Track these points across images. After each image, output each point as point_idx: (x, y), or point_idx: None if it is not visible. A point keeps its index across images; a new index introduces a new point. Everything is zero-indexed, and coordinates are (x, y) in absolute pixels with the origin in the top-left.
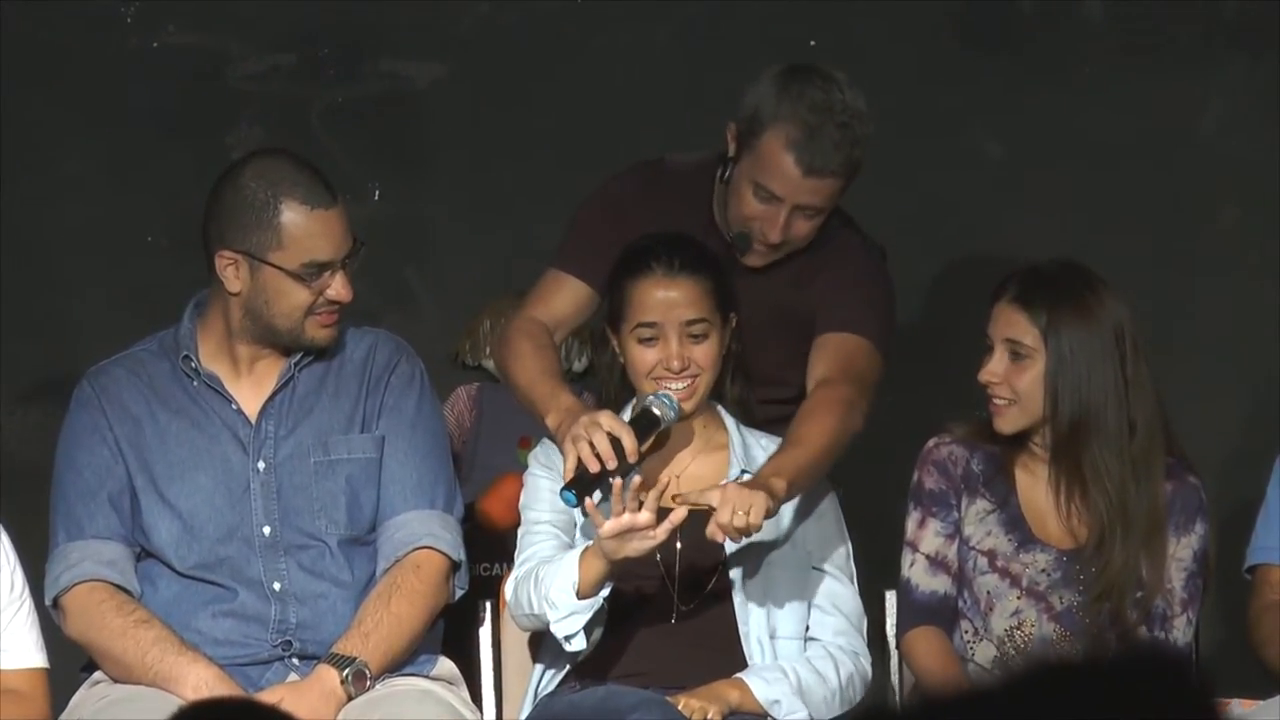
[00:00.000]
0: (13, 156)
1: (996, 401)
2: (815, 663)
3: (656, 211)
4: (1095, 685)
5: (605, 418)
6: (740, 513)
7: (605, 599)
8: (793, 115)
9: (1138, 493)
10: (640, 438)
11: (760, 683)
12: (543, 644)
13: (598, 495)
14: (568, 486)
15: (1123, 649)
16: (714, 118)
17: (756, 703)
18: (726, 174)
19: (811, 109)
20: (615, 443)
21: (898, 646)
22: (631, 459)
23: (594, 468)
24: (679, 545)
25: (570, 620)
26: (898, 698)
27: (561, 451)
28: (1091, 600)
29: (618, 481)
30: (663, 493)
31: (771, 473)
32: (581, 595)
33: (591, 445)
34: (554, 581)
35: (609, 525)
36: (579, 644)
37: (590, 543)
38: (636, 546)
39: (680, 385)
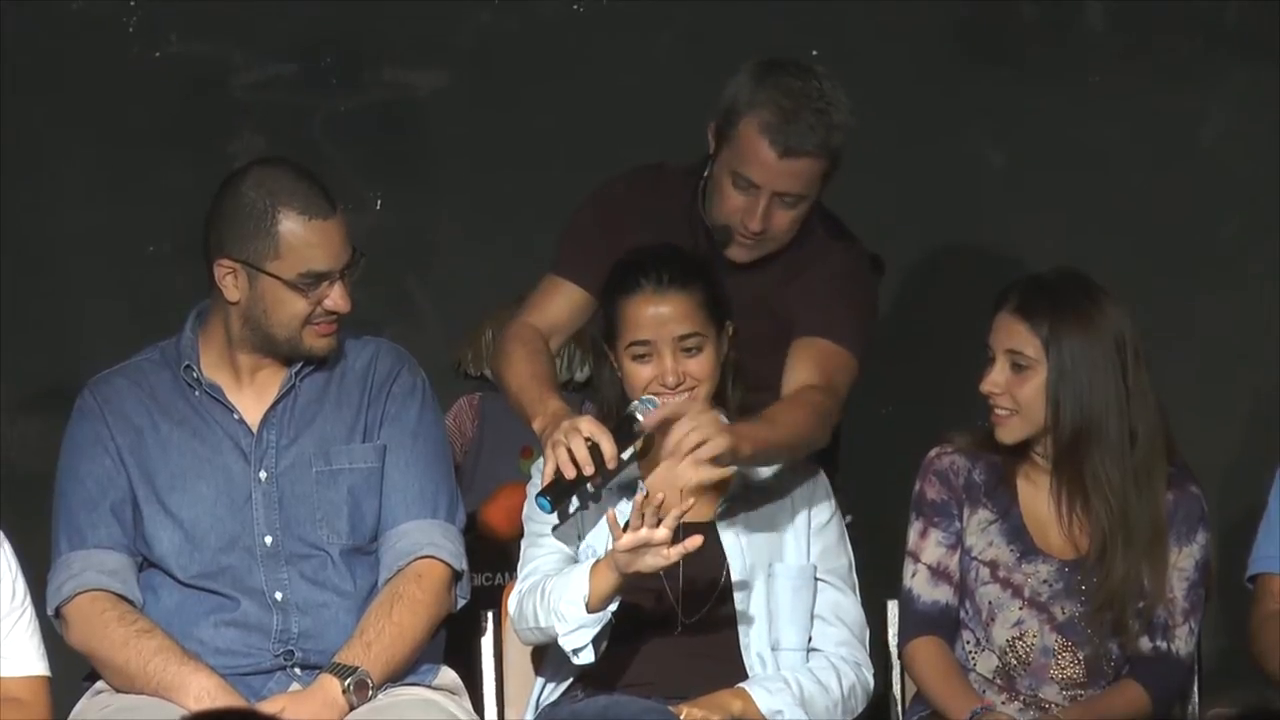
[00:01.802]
0: (15, 165)
1: (998, 412)
2: (818, 673)
3: (648, 216)
4: None
5: (585, 423)
6: (695, 435)
7: (613, 612)
8: (767, 101)
9: (1139, 502)
10: (622, 444)
11: (763, 693)
12: (545, 656)
13: (574, 504)
14: (543, 493)
15: None
16: None
17: (759, 712)
18: (708, 171)
19: (786, 94)
20: (595, 449)
21: (899, 656)
22: (610, 465)
23: (570, 474)
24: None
25: (579, 633)
26: (900, 708)
27: (544, 456)
28: (1093, 610)
29: (639, 496)
30: (684, 513)
31: (743, 434)
32: (591, 608)
33: (570, 451)
34: (563, 594)
35: (625, 539)
36: (587, 657)
37: (598, 556)
38: (649, 562)
39: (678, 399)
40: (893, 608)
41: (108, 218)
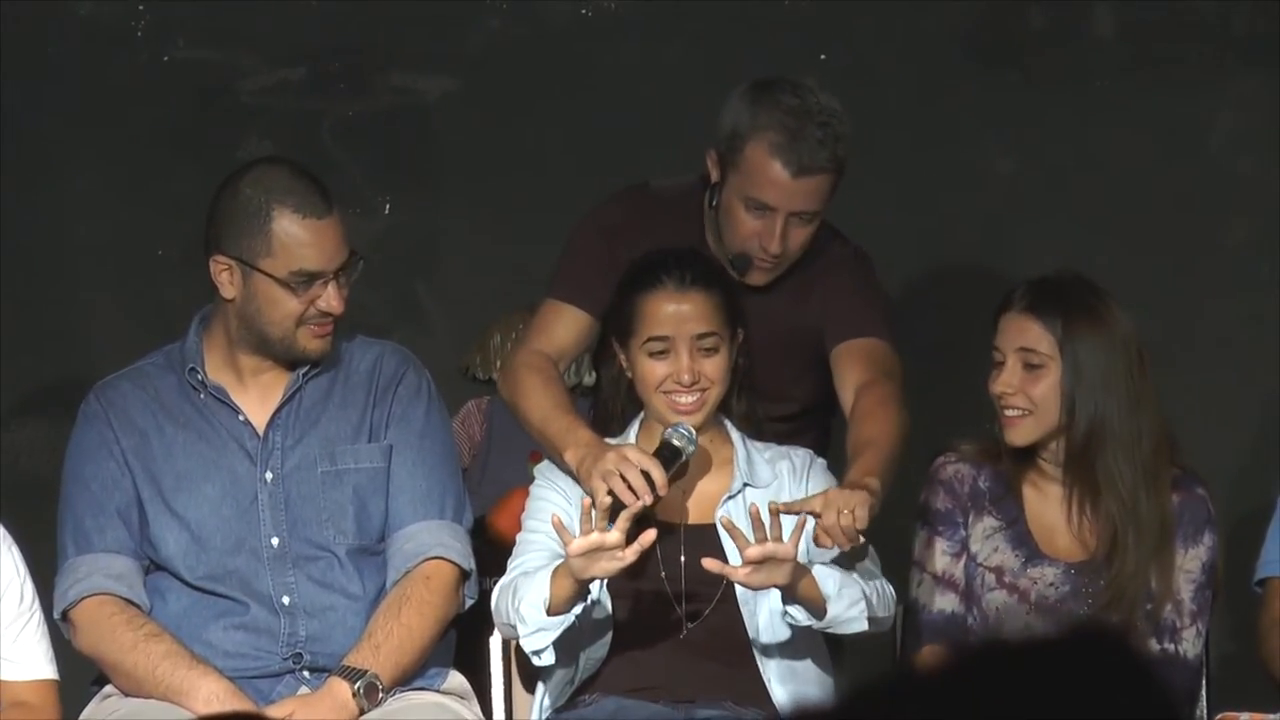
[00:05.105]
0: (22, 170)
1: (1009, 413)
2: (862, 576)
3: (649, 237)
4: (1044, 672)
5: (633, 453)
6: (845, 512)
7: (578, 617)
8: (771, 123)
9: (1148, 501)
10: (665, 470)
11: (827, 577)
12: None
13: (572, 520)
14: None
15: (1067, 632)
16: None
17: (818, 591)
18: (715, 200)
19: (789, 113)
20: (645, 477)
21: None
22: (661, 493)
23: (629, 502)
24: (683, 559)
25: (538, 636)
26: None
27: (587, 488)
28: (1100, 610)
29: (585, 500)
30: (634, 514)
31: (862, 473)
32: (552, 612)
33: (624, 479)
34: (526, 596)
35: (576, 544)
36: (548, 658)
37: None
38: (604, 567)
39: (690, 399)
40: (899, 615)
41: (115, 222)
